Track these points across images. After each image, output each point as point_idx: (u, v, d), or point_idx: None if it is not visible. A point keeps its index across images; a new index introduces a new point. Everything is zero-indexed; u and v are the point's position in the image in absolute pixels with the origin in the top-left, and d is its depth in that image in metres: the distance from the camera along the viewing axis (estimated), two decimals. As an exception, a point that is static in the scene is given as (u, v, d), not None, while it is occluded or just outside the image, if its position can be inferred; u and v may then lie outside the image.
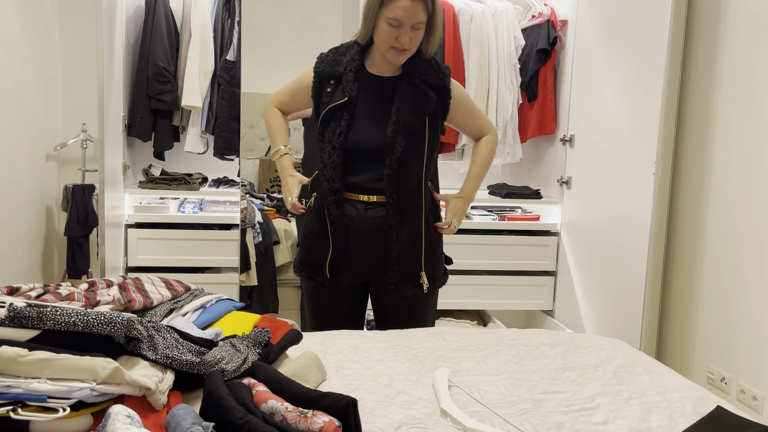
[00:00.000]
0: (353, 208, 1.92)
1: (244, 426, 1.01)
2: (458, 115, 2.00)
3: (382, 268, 1.94)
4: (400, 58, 1.86)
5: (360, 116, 1.90)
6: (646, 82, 2.65)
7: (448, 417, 1.31)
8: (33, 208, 3.46)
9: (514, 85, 3.31)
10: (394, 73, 1.93)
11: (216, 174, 3.58)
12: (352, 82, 1.89)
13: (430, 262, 1.98)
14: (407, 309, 2.00)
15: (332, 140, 1.88)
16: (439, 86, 1.91)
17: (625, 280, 2.78)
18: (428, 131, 1.90)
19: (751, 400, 2.41)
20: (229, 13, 3.25)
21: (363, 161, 1.90)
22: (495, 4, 3.30)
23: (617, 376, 1.58)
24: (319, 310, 2.06)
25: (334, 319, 2.01)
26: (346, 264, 1.96)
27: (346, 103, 1.88)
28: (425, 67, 1.91)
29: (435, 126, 1.93)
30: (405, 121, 1.86)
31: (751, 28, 2.46)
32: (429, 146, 1.92)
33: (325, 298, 2.03)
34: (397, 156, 1.85)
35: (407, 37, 1.80)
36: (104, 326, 1.13)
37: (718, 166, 2.61)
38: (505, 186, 3.47)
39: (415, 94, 1.88)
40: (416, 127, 1.87)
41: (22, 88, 3.24)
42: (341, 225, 1.92)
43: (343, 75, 1.91)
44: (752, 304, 2.43)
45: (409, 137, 1.87)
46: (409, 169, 1.90)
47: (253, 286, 3.32)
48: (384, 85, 1.92)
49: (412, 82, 1.88)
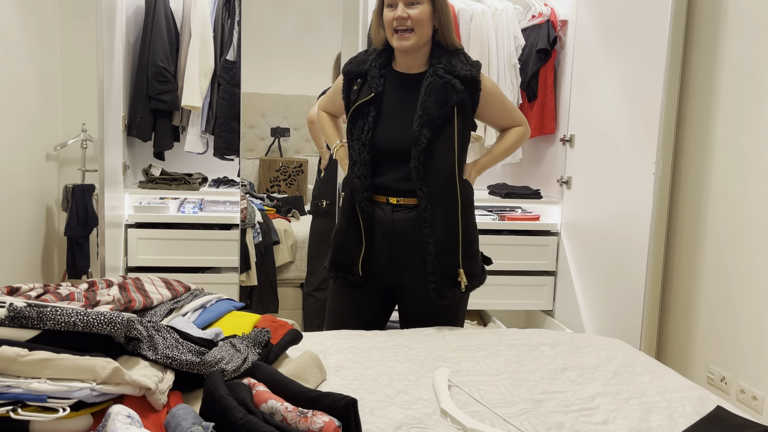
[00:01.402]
0: (380, 211, 1.90)
1: (244, 426, 1.01)
2: (489, 108, 1.95)
3: (413, 270, 1.90)
4: (405, 41, 1.84)
5: (387, 113, 1.89)
6: (646, 82, 2.65)
7: (448, 417, 1.31)
8: (33, 208, 3.46)
9: (514, 85, 3.31)
10: (420, 69, 1.91)
11: (216, 174, 3.58)
12: (378, 78, 1.89)
13: (468, 259, 1.92)
14: (442, 311, 1.94)
15: (360, 137, 1.88)
16: (466, 77, 1.86)
17: (625, 280, 2.77)
18: (457, 122, 1.86)
19: (751, 400, 2.41)
20: (229, 13, 3.25)
21: (391, 158, 1.88)
22: (495, 4, 3.30)
23: (617, 376, 1.58)
24: (343, 310, 2.01)
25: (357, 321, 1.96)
26: (373, 265, 1.94)
27: (372, 99, 1.87)
28: (452, 59, 1.88)
29: (465, 117, 1.88)
30: (431, 114, 1.83)
31: (751, 28, 2.46)
32: (460, 138, 1.87)
33: (353, 297, 1.99)
34: (422, 147, 1.82)
35: (403, 12, 1.81)
36: (104, 326, 1.13)
37: (718, 166, 2.61)
38: (505, 186, 3.47)
39: (440, 86, 1.84)
40: (442, 119, 1.84)
41: (22, 88, 3.24)
42: (371, 219, 1.90)
43: (369, 72, 1.91)
44: (752, 304, 2.43)
45: (436, 129, 1.84)
46: (439, 162, 1.85)
47: (253, 286, 3.32)
48: (410, 82, 1.91)
49: (437, 74, 1.85)
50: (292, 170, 4.31)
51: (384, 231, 1.90)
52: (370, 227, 1.91)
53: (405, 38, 1.84)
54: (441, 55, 1.89)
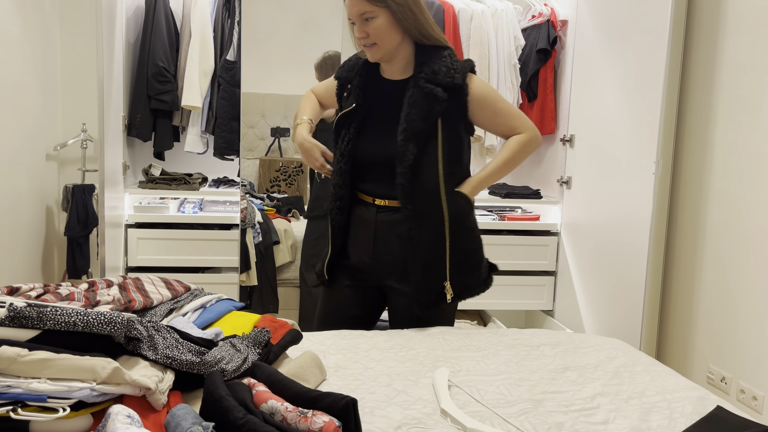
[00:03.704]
0: (365, 210, 1.89)
1: (244, 426, 1.01)
2: (480, 114, 1.84)
3: (398, 273, 1.87)
4: (372, 54, 1.81)
5: (371, 123, 1.85)
6: (646, 82, 2.65)
7: (448, 417, 1.31)
8: (33, 208, 3.46)
9: (514, 85, 3.31)
10: (405, 75, 1.85)
11: (216, 174, 3.58)
12: (358, 87, 1.85)
13: (460, 272, 1.85)
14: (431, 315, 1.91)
15: (341, 147, 1.85)
16: (449, 84, 1.76)
17: (625, 280, 2.77)
18: (442, 134, 1.77)
19: (751, 400, 2.41)
20: (229, 13, 3.25)
21: (374, 169, 1.85)
22: (495, 4, 3.30)
23: (617, 376, 1.58)
24: (321, 311, 2.04)
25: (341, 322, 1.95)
26: (352, 267, 1.94)
27: (355, 109, 1.84)
28: (437, 63, 1.78)
29: (450, 128, 1.79)
30: (415, 127, 1.75)
31: (751, 28, 2.46)
32: (444, 151, 1.78)
33: (327, 299, 2.01)
34: (408, 164, 1.75)
35: (361, 31, 1.77)
36: (104, 326, 1.13)
37: (718, 166, 2.61)
38: (505, 186, 3.47)
39: (423, 97, 1.76)
40: (427, 132, 1.76)
41: (22, 88, 3.24)
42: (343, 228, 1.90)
43: (353, 80, 1.87)
44: (752, 304, 2.43)
45: (421, 144, 1.76)
46: (423, 177, 1.77)
47: (253, 286, 3.32)
48: (394, 89, 1.84)
49: (419, 84, 1.77)
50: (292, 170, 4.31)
51: (368, 231, 1.89)
52: (356, 225, 1.90)
53: (371, 52, 1.80)
54: (425, 57, 1.80)
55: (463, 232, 1.85)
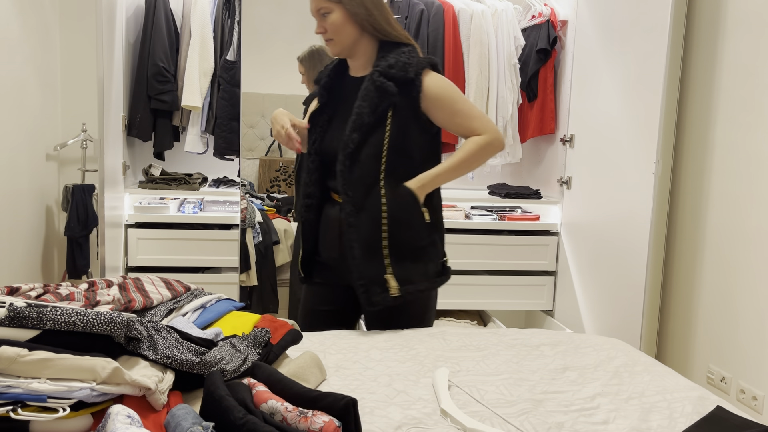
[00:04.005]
0: (332, 209, 1.92)
1: (244, 426, 1.01)
2: (435, 113, 1.81)
3: None
4: (331, 49, 1.85)
5: (337, 120, 1.89)
6: (646, 82, 2.65)
7: (448, 417, 1.31)
8: (33, 208, 3.46)
9: (514, 85, 3.31)
10: (366, 71, 1.86)
11: (216, 174, 3.58)
12: (323, 87, 1.91)
13: (401, 266, 1.82)
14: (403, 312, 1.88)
15: (310, 146, 1.91)
16: (401, 78, 1.76)
17: (625, 280, 2.77)
18: (390, 127, 1.78)
19: (751, 400, 2.41)
20: (229, 13, 3.25)
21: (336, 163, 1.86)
22: (495, 4, 3.30)
23: (617, 376, 1.58)
24: (300, 307, 2.08)
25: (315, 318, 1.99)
26: (323, 264, 1.97)
27: (321, 108, 1.90)
28: (394, 58, 1.78)
29: (400, 123, 1.79)
30: (363, 119, 1.76)
31: (751, 28, 2.46)
32: (390, 144, 1.78)
33: (303, 296, 2.05)
34: (349, 152, 1.77)
35: (319, 26, 1.82)
36: (104, 326, 1.13)
37: (718, 166, 2.61)
38: (505, 186, 3.47)
39: (374, 90, 1.77)
40: (373, 123, 1.77)
41: (22, 88, 3.24)
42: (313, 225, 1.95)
43: (321, 80, 1.94)
44: (752, 304, 2.43)
45: (364, 134, 1.77)
46: (363, 167, 1.78)
47: (253, 286, 3.32)
48: (357, 85, 1.85)
49: (373, 78, 1.78)
50: (292, 170, 4.31)
51: (333, 228, 1.91)
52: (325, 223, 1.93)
53: (330, 46, 1.84)
54: (386, 53, 1.81)
55: (403, 226, 1.82)
